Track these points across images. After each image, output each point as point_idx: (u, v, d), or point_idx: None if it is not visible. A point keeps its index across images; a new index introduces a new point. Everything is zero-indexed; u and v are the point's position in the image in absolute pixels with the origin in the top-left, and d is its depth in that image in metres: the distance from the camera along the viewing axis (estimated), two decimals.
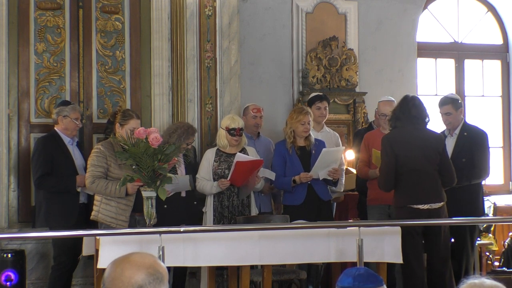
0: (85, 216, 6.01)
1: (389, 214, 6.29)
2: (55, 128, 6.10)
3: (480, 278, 2.28)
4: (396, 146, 5.58)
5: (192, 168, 6.21)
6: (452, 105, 6.29)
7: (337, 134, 6.98)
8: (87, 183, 5.54)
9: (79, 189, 5.99)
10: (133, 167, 4.91)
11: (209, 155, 6.15)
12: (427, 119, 5.69)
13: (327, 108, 6.87)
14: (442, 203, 5.58)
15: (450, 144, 6.29)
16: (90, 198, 6.09)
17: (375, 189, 6.27)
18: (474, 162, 6.18)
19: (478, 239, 7.02)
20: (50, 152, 5.98)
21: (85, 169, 6.05)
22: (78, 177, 5.96)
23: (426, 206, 5.52)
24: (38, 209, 6.05)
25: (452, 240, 6.14)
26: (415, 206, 5.51)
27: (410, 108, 5.63)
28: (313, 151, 6.24)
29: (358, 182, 6.72)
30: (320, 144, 6.31)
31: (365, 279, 2.58)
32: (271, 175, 6.30)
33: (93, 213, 5.58)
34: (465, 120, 6.40)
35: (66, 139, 6.07)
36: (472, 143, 6.23)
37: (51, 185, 5.93)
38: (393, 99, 6.47)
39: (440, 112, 6.36)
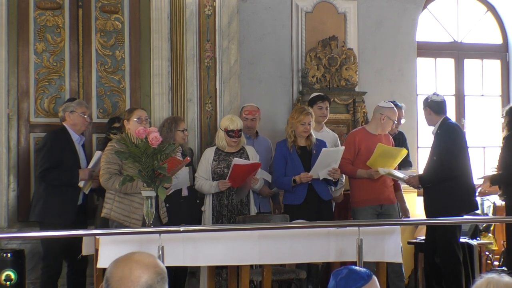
0: (82, 217, 6.00)
1: (379, 214, 6.30)
2: (64, 124, 6.06)
3: (499, 274, 2.29)
4: None
5: (194, 168, 6.22)
6: (423, 104, 6.55)
7: (337, 136, 6.99)
8: (102, 180, 5.43)
9: (81, 184, 5.92)
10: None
11: (208, 154, 6.15)
12: None
13: (328, 108, 6.89)
14: None
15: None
16: (86, 200, 6.08)
17: (365, 189, 6.28)
18: (442, 159, 6.25)
19: (478, 238, 7.03)
20: (59, 147, 5.94)
21: None
22: (80, 170, 5.93)
23: None
24: (35, 203, 5.98)
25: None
26: None
27: None
28: (314, 151, 6.24)
29: None
30: (321, 144, 6.31)
31: (348, 283, 2.53)
32: (268, 177, 6.30)
33: (104, 210, 5.45)
34: (444, 118, 6.45)
35: (75, 137, 6.03)
36: (441, 140, 6.31)
37: (54, 177, 5.87)
38: (393, 106, 6.58)
39: None
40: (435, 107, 6.42)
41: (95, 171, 5.92)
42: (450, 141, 6.26)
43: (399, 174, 6.40)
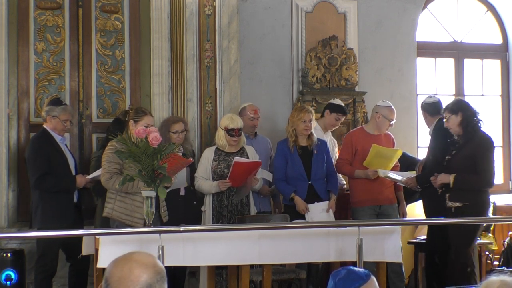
0: (78, 216, 5.99)
1: (378, 214, 6.31)
2: (45, 126, 5.98)
3: (503, 276, 2.29)
4: None
5: (192, 168, 6.22)
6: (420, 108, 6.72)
7: (336, 143, 7.01)
8: (103, 180, 5.40)
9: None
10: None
11: (208, 154, 6.14)
12: None
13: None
14: None
15: None
16: (81, 197, 6.07)
17: (363, 190, 6.29)
18: (436, 157, 6.28)
19: (478, 238, 7.01)
20: (46, 152, 5.87)
21: (76, 168, 6.05)
22: (78, 177, 5.93)
23: None
24: (34, 210, 5.93)
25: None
26: None
27: None
28: (315, 151, 6.24)
29: None
30: (322, 144, 6.32)
31: (346, 283, 2.53)
32: (269, 176, 6.30)
33: (106, 210, 5.42)
34: (439, 119, 6.44)
35: (58, 137, 5.96)
36: (434, 139, 6.40)
37: (52, 185, 5.83)
38: (391, 105, 6.63)
39: None
40: (428, 109, 6.50)
41: (92, 182, 5.92)
42: (443, 139, 6.24)
43: (397, 176, 6.40)
